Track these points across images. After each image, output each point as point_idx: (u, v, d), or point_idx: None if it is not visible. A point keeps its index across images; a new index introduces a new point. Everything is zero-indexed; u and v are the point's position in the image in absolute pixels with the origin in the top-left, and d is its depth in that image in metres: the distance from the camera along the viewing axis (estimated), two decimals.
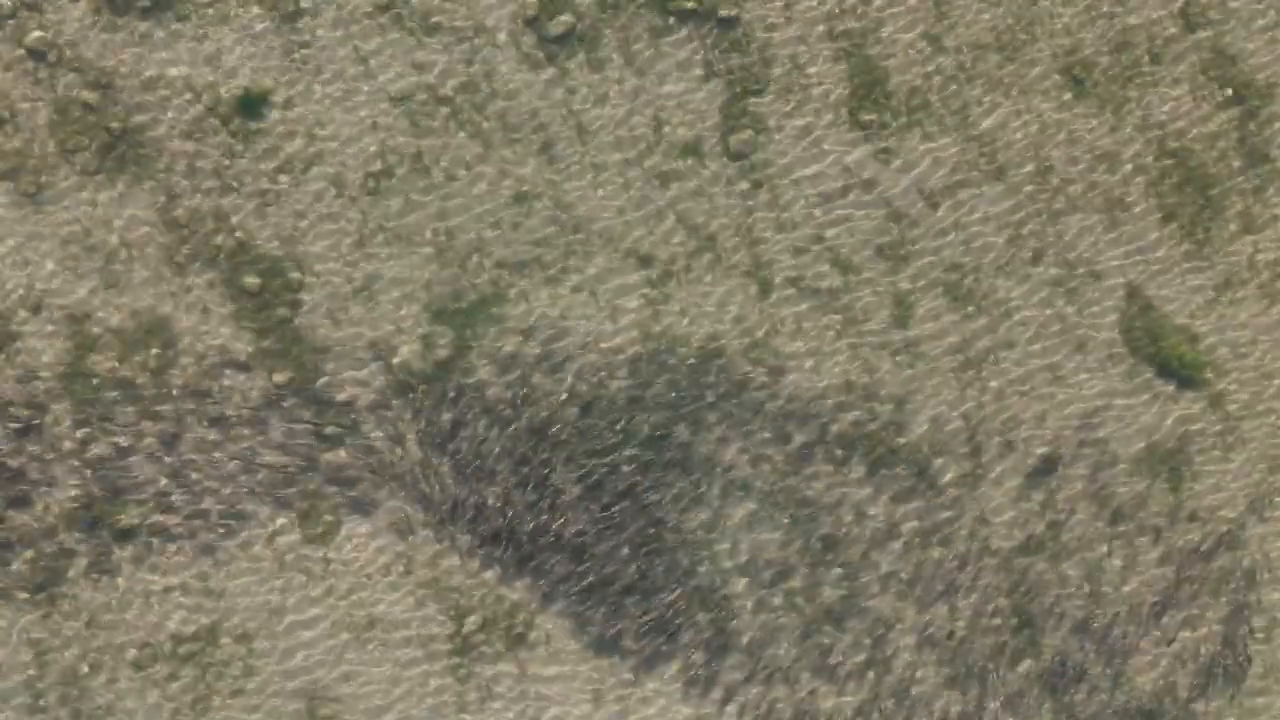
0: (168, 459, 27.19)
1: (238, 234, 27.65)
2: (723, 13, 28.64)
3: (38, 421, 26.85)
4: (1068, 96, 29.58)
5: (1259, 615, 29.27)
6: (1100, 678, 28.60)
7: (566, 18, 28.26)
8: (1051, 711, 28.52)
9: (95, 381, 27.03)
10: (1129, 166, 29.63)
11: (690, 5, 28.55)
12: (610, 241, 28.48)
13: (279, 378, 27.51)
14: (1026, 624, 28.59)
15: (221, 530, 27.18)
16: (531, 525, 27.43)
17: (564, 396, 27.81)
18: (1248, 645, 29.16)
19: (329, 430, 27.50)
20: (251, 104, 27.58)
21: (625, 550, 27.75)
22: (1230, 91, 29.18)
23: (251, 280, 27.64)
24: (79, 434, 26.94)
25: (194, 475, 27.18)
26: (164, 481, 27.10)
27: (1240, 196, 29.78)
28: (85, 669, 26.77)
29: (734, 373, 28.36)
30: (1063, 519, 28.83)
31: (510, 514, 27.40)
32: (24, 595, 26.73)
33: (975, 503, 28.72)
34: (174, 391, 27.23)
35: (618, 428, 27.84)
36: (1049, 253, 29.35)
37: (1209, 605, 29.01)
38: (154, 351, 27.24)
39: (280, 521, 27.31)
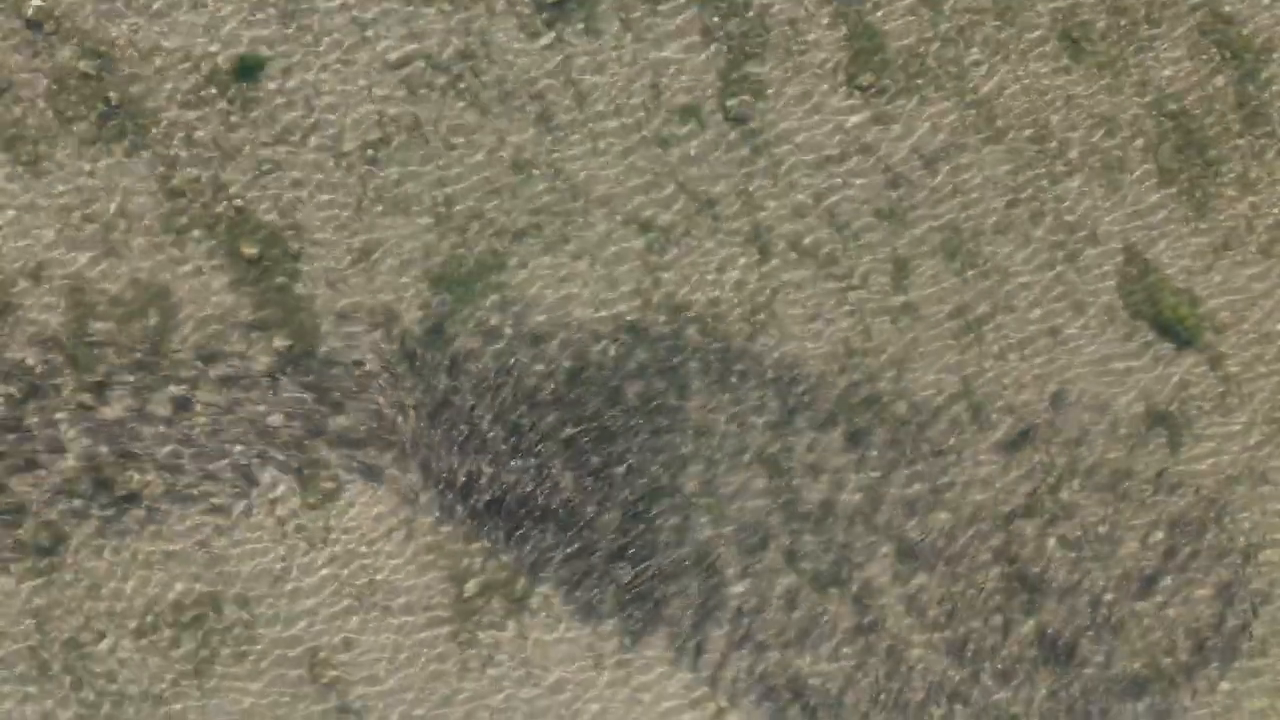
0: (166, 426, 27.26)
1: (236, 202, 27.70)
2: None
3: (36, 389, 26.92)
4: (1065, 60, 29.55)
5: (1256, 582, 29.25)
6: (1094, 648, 28.60)
7: None
8: (1046, 681, 28.52)
9: (94, 349, 27.09)
10: (1127, 129, 29.61)
11: None
12: (609, 208, 28.50)
13: (279, 345, 27.57)
14: (1021, 592, 28.59)
15: (221, 497, 27.25)
16: (521, 494, 27.46)
17: (557, 363, 27.84)
18: (1247, 614, 29.14)
19: (328, 397, 27.55)
20: (249, 73, 27.62)
21: (613, 517, 27.77)
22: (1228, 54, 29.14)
23: (250, 248, 27.69)
24: (77, 401, 27.01)
25: (192, 442, 27.26)
26: (163, 448, 27.17)
27: (1239, 158, 29.75)
28: (87, 636, 26.85)
29: (731, 337, 28.38)
30: (1060, 483, 28.83)
31: (500, 483, 27.43)
32: (25, 562, 26.81)
33: (973, 466, 28.73)
34: (172, 359, 27.29)
35: (609, 394, 27.86)
36: (1048, 215, 29.34)
37: (1204, 572, 28.99)
38: (153, 319, 27.29)
39: (280, 488, 27.38)
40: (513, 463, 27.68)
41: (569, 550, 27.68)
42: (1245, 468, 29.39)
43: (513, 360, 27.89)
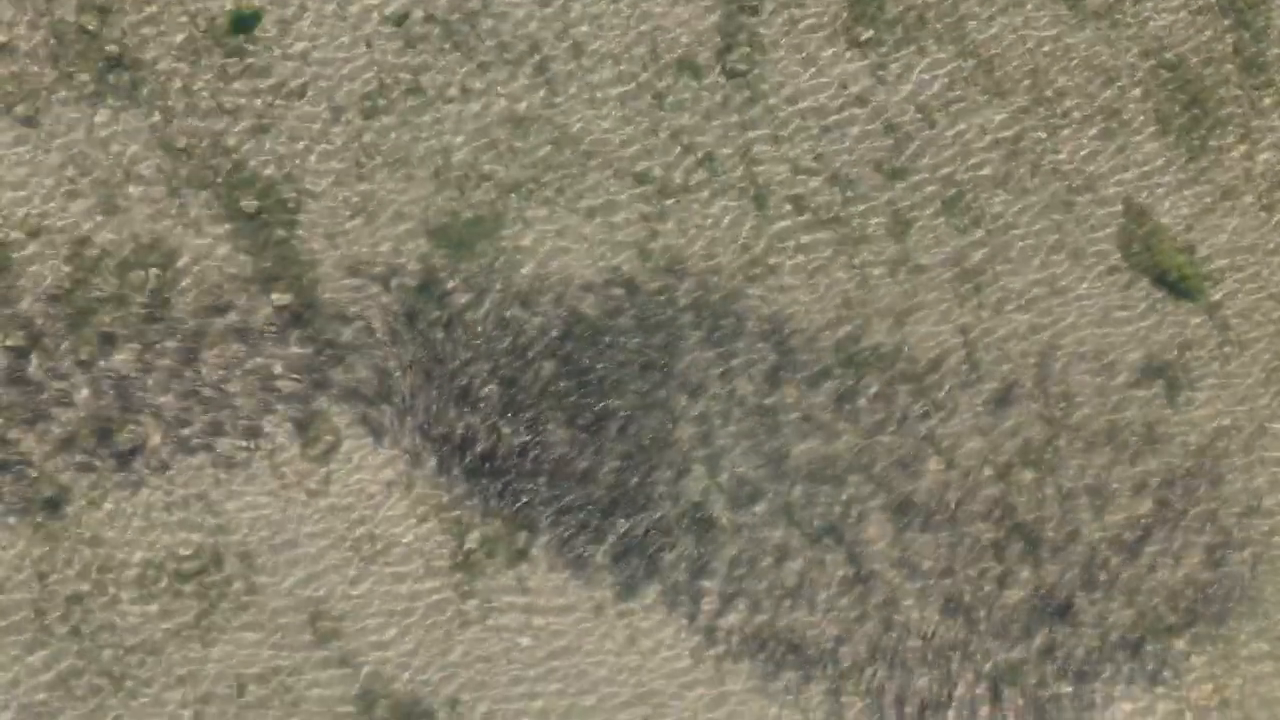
0: (167, 380, 27.34)
1: (234, 157, 27.76)
2: None
3: (37, 344, 27.02)
4: (1064, 10, 29.48)
5: (1254, 532, 29.19)
6: (1091, 599, 28.57)
7: None
8: (1039, 641, 28.48)
9: (94, 304, 27.18)
10: (1125, 79, 29.54)
11: None
12: (607, 162, 28.51)
13: (277, 299, 27.63)
14: (1016, 545, 28.56)
15: (222, 450, 27.33)
16: (515, 448, 27.48)
17: (553, 318, 27.85)
18: (1245, 564, 29.10)
19: (327, 351, 27.62)
20: (245, 26, 27.66)
21: (607, 471, 27.79)
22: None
23: (249, 202, 27.76)
24: (77, 355, 27.10)
25: (192, 396, 27.34)
26: (163, 402, 27.26)
27: (1237, 108, 29.66)
28: (88, 590, 26.96)
29: (730, 292, 28.38)
30: (1057, 436, 28.80)
31: (494, 438, 27.47)
32: (27, 516, 26.92)
33: (971, 418, 28.71)
34: (172, 313, 27.37)
35: (604, 349, 27.88)
36: (1047, 167, 29.29)
37: (1201, 523, 28.94)
38: (153, 272, 27.38)
39: (281, 440, 27.46)
40: (507, 417, 27.73)
41: (562, 504, 27.71)
42: (1244, 419, 29.33)
43: (509, 315, 27.92)
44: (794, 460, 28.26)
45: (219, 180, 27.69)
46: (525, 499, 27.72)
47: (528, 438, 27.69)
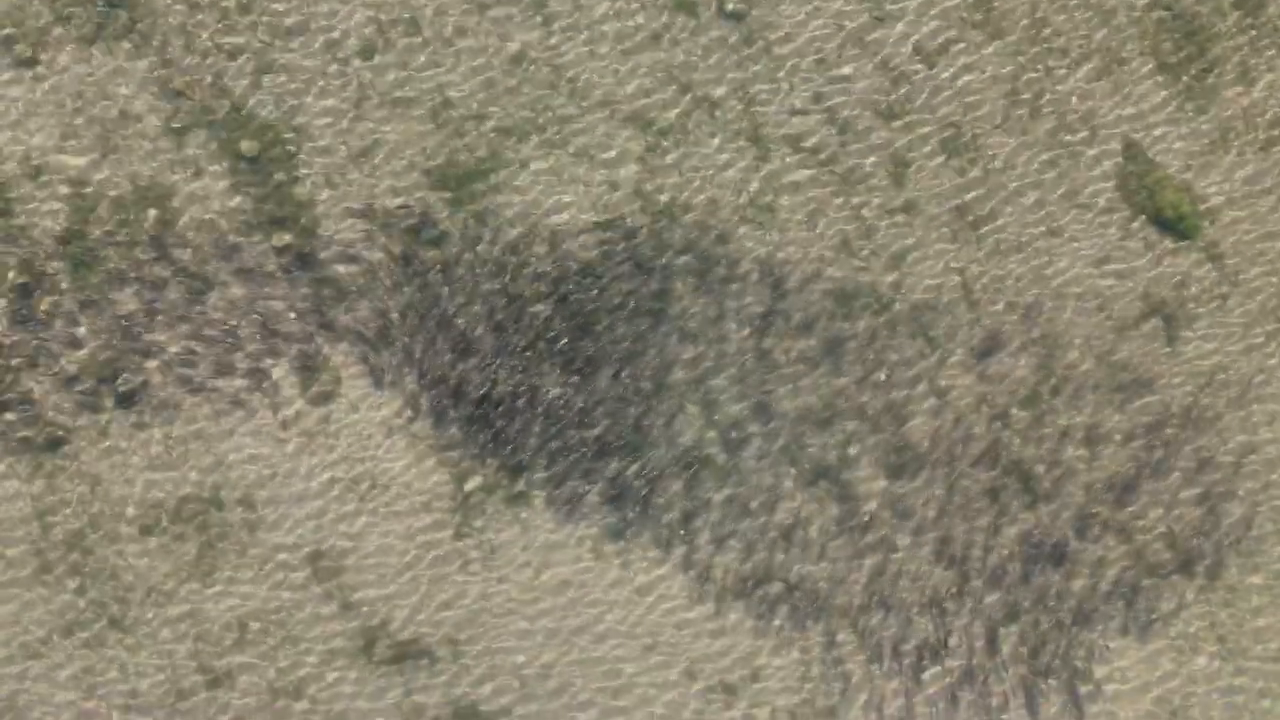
0: (167, 321, 27.41)
1: (234, 100, 27.83)
2: None
3: (38, 284, 27.11)
4: None
5: (1252, 475, 29.17)
6: (1088, 544, 28.58)
7: None
8: (1034, 590, 28.47)
9: (94, 245, 27.26)
10: (1124, 19, 29.50)
11: None
12: (606, 105, 28.54)
13: (278, 242, 27.70)
14: (1013, 491, 28.56)
15: (222, 391, 27.40)
16: (508, 392, 27.51)
17: (553, 263, 27.89)
18: (1246, 507, 29.09)
19: (326, 293, 27.68)
20: None
21: (599, 415, 27.82)
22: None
23: (249, 145, 27.81)
24: (78, 297, 27.19)
25: (193, 337, 27.41)
26: (164, 343, 27.33)
27: (1236, 50, 29.62)
28: (89, 531, 27.05)
29: (726, 233, 28.41)
30: (1057, 381, 28.80)
31: (490, 383, 27.50)
32: (27, 456, 27.01)
33: (968, 357, 28.72)
34: (172, 254, 27.45)
35: (601, 293, 27.91)
36: (1045, 109, 29.27)
37: (1200, 467, 28.93)
38: (153, 213, 27.46)
39: (281, 382, 27.52)
40: (500, 360, 27.76)
41: (555, 447, 27.74)
42: (1240, 357, 29.30)
43: (504, 257, 27.96)
44: (787, 404, 28.28)
45: (218, 121, 27.74)
46: (518, 443, 27.75)
47: (520, 381, 27.72)
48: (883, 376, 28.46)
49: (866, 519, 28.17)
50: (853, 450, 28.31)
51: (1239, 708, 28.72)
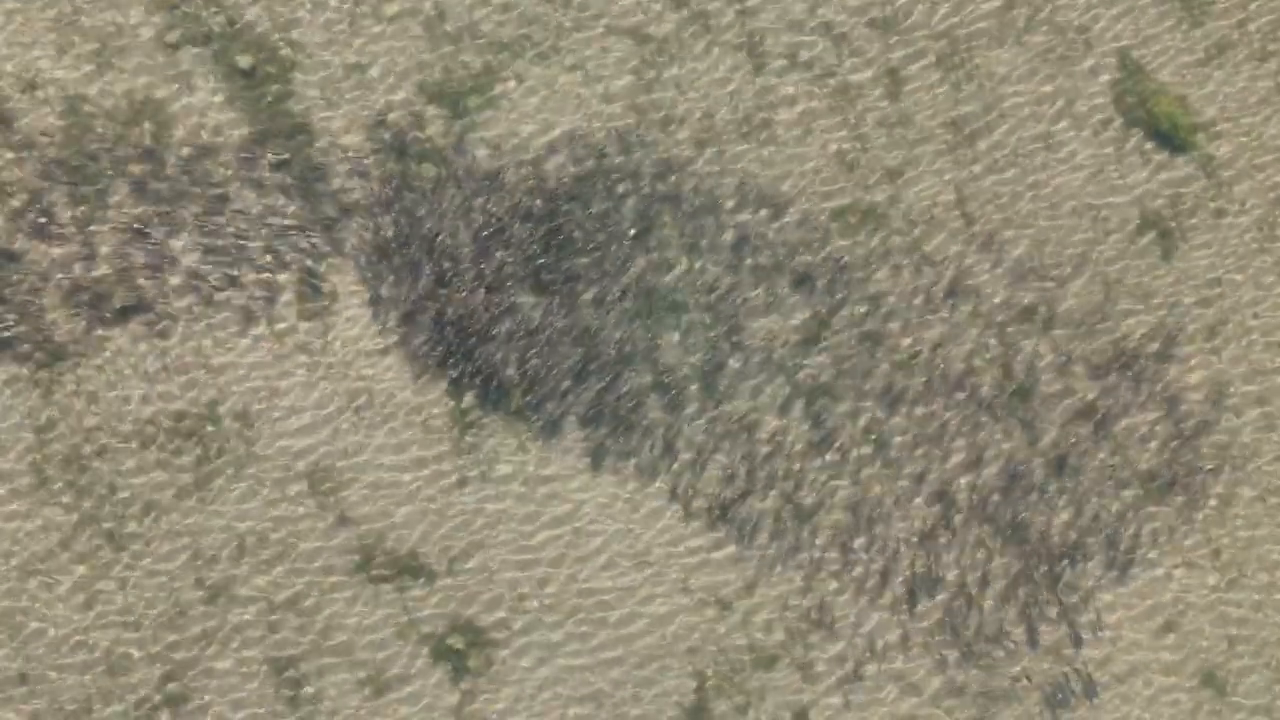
0: (165, 236, 27.38)
1: (229, 14, 27.73)
2: None
3: (35, 197, 27.08)
4: None
5: (1246, 386, 29.26)
6: (1086, 465, 28.65)
7: None
8: (1024, 517, 28.51)
9: (91, 159, 27.21)
10: None
11: None
12: (601, 18, 28.47)
13: (273, 157, 27.65)
14: (1003, 414, 28.63)
15: (218, 308, 27.39)
16: (490, 314, 27.46)
17: (543, 178, 27.87)
18: (1236, 421, 29.21)
19: (322, 209, 27.65)
20: None
21: (579, 337, 27.80)
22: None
23: (244, 59, 27.74)
24: (73, 213, 27.14)
25: (191, 253, 27.38)
26: (162, 258, 27.30)
27: None
28: (87, 447, 27.04)
29: (722, 150, 28.40)
30: (1051, 291, 28.85)
31: (474, 303, 27.46)
32: (24, 372, 26.99)
33: (961, 275, 28.78)
34: (168, 170, 27.40)
35: (589, 212, 27.90)
36: (1042, 22, 29.25)
37: (1190, 390, 29.01)
38: (148, 127, 27.40)
39: (278, 298, 27.50)
40: (483, 279, 27.74)
41: (535, 371, 27.73)
42: (1237, 272, 29.40)
43: (503, 174, 27.94)
44: (775, 324, 28.31)
45: (214, 39, 27.65)
46: (498, 365, 27.72)
47: (500, 302, 27.66)
48: (878, 296, 28.49)
49: (845, 447, 28.16)
50: (826, 375, 28.35)
51: (1236, 620, 28.89)
